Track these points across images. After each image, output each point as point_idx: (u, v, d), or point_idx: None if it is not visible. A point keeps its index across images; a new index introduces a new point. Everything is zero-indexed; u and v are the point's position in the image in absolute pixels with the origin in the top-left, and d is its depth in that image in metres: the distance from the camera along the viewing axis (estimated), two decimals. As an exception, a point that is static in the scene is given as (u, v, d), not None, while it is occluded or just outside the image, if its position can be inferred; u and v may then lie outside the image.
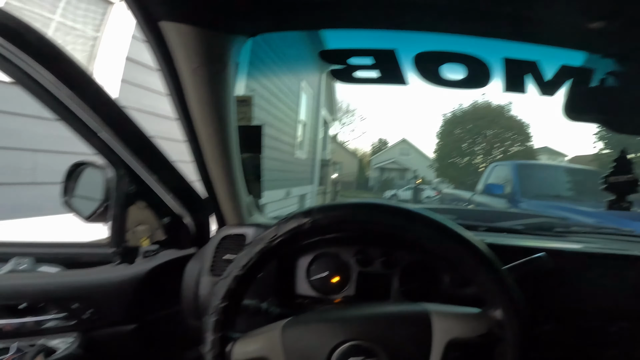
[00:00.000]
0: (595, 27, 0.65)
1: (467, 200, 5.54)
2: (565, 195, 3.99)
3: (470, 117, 12.91)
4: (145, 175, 0.96)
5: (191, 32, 0.62)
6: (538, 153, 12.93)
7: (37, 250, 1.01)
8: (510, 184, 4.43)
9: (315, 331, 0.62)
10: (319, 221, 0.61)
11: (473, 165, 12.97)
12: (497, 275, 0.61)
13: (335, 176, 13.66)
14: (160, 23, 0.61)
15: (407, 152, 20.42)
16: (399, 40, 0.72)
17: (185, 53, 0.65)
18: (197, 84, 0.70)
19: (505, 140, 12.67)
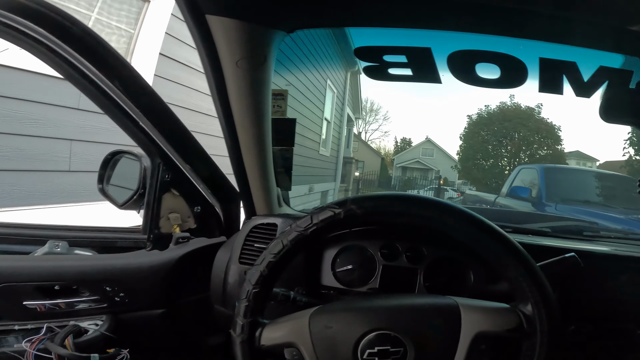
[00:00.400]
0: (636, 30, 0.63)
1: (491, 202, 5.44)
2: (593, 200, 3.87)
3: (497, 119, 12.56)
4: (181, 165, 0.99)
5: (236, 26, 0.64)
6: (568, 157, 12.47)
7: (72, 234, 1.05)
8: (536, 188, 4.33)
9: (343, 319, 0.63)
10: (354, 211, 0.62)
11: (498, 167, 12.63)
12: (530, 270, 0.62)
13: (358, 174, 13.63)
14: (207, 17, 0.63)
15: (431, 152, 20.09)
16: (433, 39, 0.72)
17: (228, 46, 0.67)
18: (238, 77, 0.72)
19: (533, 143, 12.23)
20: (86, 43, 0.77)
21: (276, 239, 0.66)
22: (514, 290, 0.64)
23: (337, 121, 8.68)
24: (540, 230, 1.25)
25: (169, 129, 0.94)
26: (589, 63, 0.77)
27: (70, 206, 2.53)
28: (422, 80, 0.76)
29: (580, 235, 1.24)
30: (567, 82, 0.78)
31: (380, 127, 22.08)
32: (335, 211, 0.63)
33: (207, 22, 0.63)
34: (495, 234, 0.63)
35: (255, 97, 0.77)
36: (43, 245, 0.95)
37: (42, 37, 0.73)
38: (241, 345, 0.63)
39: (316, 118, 6.87)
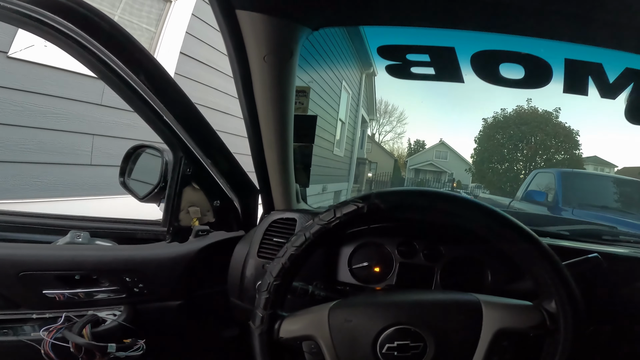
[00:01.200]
0: None
1: (505, 206, 5.35)
2: (611, 206, 3.78)
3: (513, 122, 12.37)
4: (202, 159, 1.01)
5: (264, 21, 0.66)
6: (585, 162, 12.23)
7: (93, 225, 1.07)
8: (553, 192, 4.25)
9: (362, 313, 0.63)
10: (377, 205, 0.62)
11: (513, 171, 12.44)
12: (555, 267, 0.61)
13: (371, 175, 13.59)
14: (237, 11, 0.64)
15: (445, 155, 19.92)
16: (457, 38, 0.72)
17: (256, 41, 0.69)
18: (265, 72, 0.74)
19: (550, 147, 12.02)
20: (114, 38, 0.78)
21: (299, 231, 0.66)
22: (539, 287, 0.63)
23: (352, 122, 8.67)
24: (559, 233, 1.23)
25: (192, 124, 0.95)
26: (615, 64, 0.77)
27: (91, 199, 2.59)
28: (445, 80, 0.76)
29: (599, 239, 1.21)
30: (592, 83, 0.78)
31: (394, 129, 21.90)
32: (359, 205, 0.62)
33: (237, 16, 0.65)
34: (521, 231, 0.62)
35: (280, 93, 0.78)
36: (65, 235, 0.96)
37: (71, 31, 0.74)
38: (260, 337, 0.64)
39: (331, 119, 6.89)
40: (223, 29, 0.67)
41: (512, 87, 0.75)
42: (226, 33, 0.68)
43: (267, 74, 0.74)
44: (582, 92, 0.79)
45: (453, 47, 0.71)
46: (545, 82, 0.76)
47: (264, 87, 0.77)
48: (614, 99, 0.80)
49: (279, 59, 0.72)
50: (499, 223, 0.63)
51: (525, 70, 0.73)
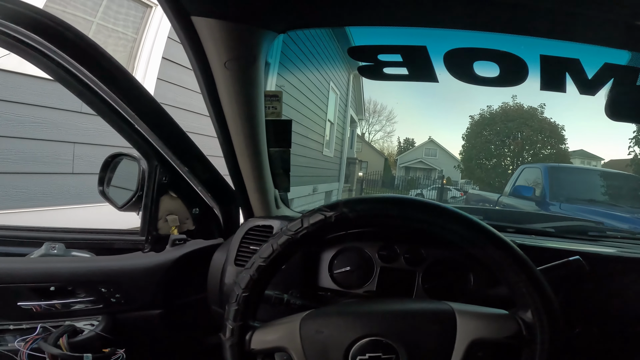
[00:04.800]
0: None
1: (494, 201, 5.42)
2: (599, 199, 3.83)
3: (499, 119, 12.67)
4: (178, 167, 0.99)
5: (222, 27, 0.64)
6: (572, 156, 12.50)
7: (70, 236, 1.05)
8: (540, 187, 4.30)
9: (334, 325, 0.62)
10: (345, 215, 0.61)
11: (501, 167, 12.73)
12: (530, 275, 0.59)
13: (361, 174, 13.69)
14: (192, 18, 0.63)
15: (434, 153, 20.27)
16: (429, 37, 0.71)
17: (216, 47, 0.67)
18: (228, 78, 0.72)
19: (537, 142, 12.30)
20: (81, 48, 0.78)
21: (267, 242, 0.64)
22: (514, 296, 0.62)
23: (341, 122, 8.75)
24: (544, 230, 1.22)
25: (166, 132, 0.94)
26: (593, 60, 0.76)
27: (73, 208, 2.55)
28: (418, 79, 0.74)
29: (585, 235, 1.21)
30: (570, 79, 0.77)
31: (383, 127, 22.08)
32: (327, 214, 0.61)
33: (193, 23, 0.63)
34: (494, 238, 0.61)
35: (247, 98, 0.77)
36: (40, 247, 0.95)
37: (37, 43, 0.74)
38: (230, 349, 0.63)
39: (319, 119, 6.91)
40: (181, 36, 0.66)
41: (488, 86, 0.74)
42: (184, 40, 0.66)
43: (230, 80, 0.72)
44: (560, 89, 0.78)
45: (425, 46, 0.70)
46: (521, 79, 0.74)
47: (229, 94, 0.75)
48: (594, 95, 0.79)
49: (241, 65, 0.70)
50: (471, 230, 0.61)
51: (500, 68, 0.72)
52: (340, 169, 9.08)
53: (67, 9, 2.55)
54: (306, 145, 6.12)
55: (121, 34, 2.98)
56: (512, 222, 1.35)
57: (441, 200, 12.21)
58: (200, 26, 0.64)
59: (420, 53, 0.71)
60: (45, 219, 2.36)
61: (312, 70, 4.91)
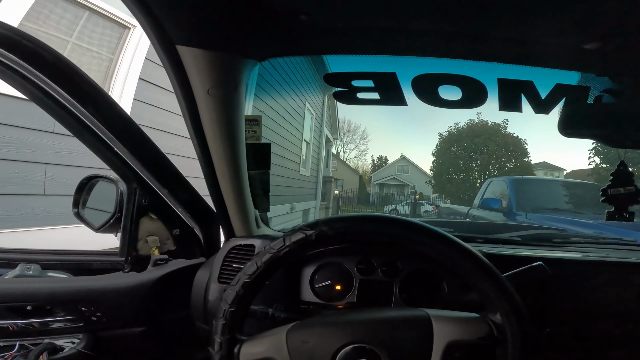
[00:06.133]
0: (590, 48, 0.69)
1: (464, 214, 5.60)
2: (563, 208, 4.03)
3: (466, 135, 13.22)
4: (158, 189, 0.99)
5: (206, 56, 0.67)
6: (535, 168, 13.05)
7: (45, 257, 1.04)
8: (507, 199, 4.51)
9: (319, 334, 0.65)
10: (325, 233, 0.65)
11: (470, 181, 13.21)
12: (495, 281, 0.65)
13: (337, 192, 13.77)
14: (177, 47, 0.65)
15: (406, 169, 20.75)
16: (398, 64, 0.77)
17: (199, 75, 0.70)
18: (210, 105, 0.75)
19: (502, 156, 12.88)
20: (58, 69, 0.77)
21: (251, 260, 0.68)
22: (483, 300, 0.67)
23: (316, 142, 8.87)
24: (511, 239, 1.29)
25: (145, 154, 0.94)
26: (546, 81, 0.83)
27: (46, 229, 2.47)
28: (389, 103, 0.79)
29: (550, 242, 1.29)
30: (526, 100, 0.83)
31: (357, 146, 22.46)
32: (307, 233, 0.65)
33: (178, 52, 0.66)
34: (460, 249, 0.66)
35: (228, 124, 0.79)
36: (14, 268, 0.94)
37: (14, 63, 0.73)
38: None
39: (296, 140, 6.99)
40: (165, 64, 0.68)
41: (452, 108, 0.79)
42: (169, 67, 0.68)
43: (212, 106, 0.75)
44: (517, 109, 0.84)
45: (394, 73, 0.75)
46: (482, 101, 0.80)
47: (211, 119, 0.78)
48: (548, 113, 0.85)
49: (224, 92, 0.73)
50: (440, 243, 0.66)
51: (462, 91, 0.78)
52: (316, 187, 9.14)
53: (43, 28, 2.53)
54: (283, 165, 6.17)
55: (96, 54, 2.96)
56: (481, 232, 1.42)
57: (414, 215, 12.44)
58: (184, 54, 0.66)
59: (390, 79, 0.76)
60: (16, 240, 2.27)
61: (289, 92, 5.00)
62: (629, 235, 2.24)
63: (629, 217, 0.94)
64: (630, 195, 0.94)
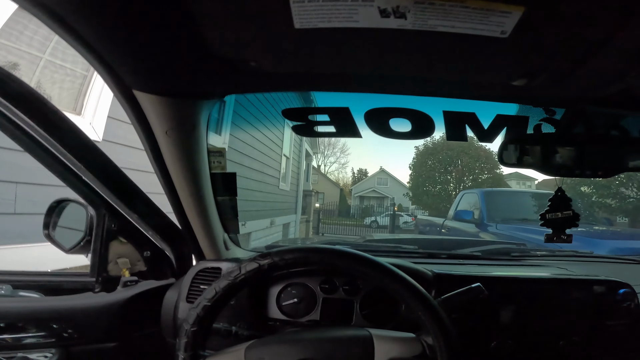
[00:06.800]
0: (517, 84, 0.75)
1: (440, 225, 5.75)
2: (531, 218, 4.17)
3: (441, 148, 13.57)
4: (127, 214, 1.03)
5: (161, 100, 0.71)
6: (507, 179, 13.44)
7: (16, 278, 1.05)
8: (479, 210, 4.66)
9: (274, 351, 0.72)
10: (276, 263, 0.73)
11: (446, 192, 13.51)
12: (428, 307, 0.72)
13: (318, 205, 13.78)
14: (134, 92, 0.69)
15: (385, 182, 21.01)
16: (351, 99, 0.83)
17: (157, 118, 0.74)
18: (170, 144, 0.79)
19: (475, 169, 13.24)
20: (24, 99, 0.79)
21: (210, 286, 0.75)
22: (419, 321, 0.74)
23: (296, 156, 8.92)
24: (472, 254, 1.38)
25: (113, 181, 0.97)
26: (487, 112, 0.88)
27: (17, 247, 2.42)
28: (345, 136, 0.85)
29: (508, 256, 1.39)
30: (470, 130, 0.89)
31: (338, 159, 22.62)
32: (261, 263, 0.73)
33: (136, 97, 0.69)
34: (395, 277, 0.74)
35: (190, 159, 0.84)
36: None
37: None
38: None
39: (275, 155, 7.03)
40: (125, 107, 0.71)
41: (402, 139, 0.84)
42: (128, 110, 0.72)
43: (172, 146, 0.80)
44: (462, 138, 0.90)
45: (347, 107, 0.81)
46: (430, 132, 0.86)
47: (172, 157, 0.82)
48: (491, 142, 0.91)
49: (182, 132, 0.78)
50: (376, 271, 0.74)
51: (412, 123, 0.83)
52: (297, 201, 9.17)
53: (15, 44, 2.52)
54: (262, 180, 6.20)
55: (70, 71, 2.95)
56: (445, 248, 1.50)
57: (393, 226, 12.61)
58: (141, 98, 0.70)
59: (344, 113, 0.82)
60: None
61: (267, 106, 5.06)
62: (590, 245, 2.36)
63: (567, 239, 0.99)
64: (567, 219, 0.99)
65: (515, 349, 0.94)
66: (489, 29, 0.53)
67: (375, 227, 15.34)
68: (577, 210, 1.02)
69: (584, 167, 0.90)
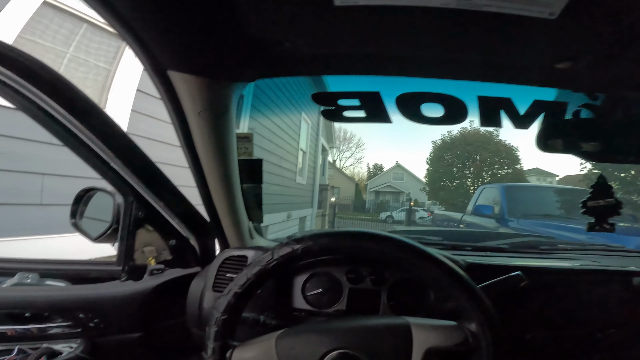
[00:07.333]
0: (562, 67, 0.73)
1: (458, 220, 5.67)
2: (554, 214, 4.07)
3: (459, 143, 13.38)
4: (154, 202, 1.03)
5: (195, 81, 0.70)
6: (528, 174, 13.15)
7: (43, 267, 1.06)
8: (499, 205, 4.56)
9: (306, 340, 0.69)
10: (310, 247, 0.70)
11: (463, 188, 13.34)
12: (470, 293, 0.69)
13: (333, 200, 13.82)
14: (168, 72, 0.68)
15: (401, 177, 20.89)
16: (383, 84, 0.81)
17: (190, 99, 0.73)
18: (201, 126, 0.78)
19: (494, 163, 13.01)
20: (56, 87, 0.80)
21: (242, 272, 0.73)
22: (459, 310, 0.71)
23: (312, 151, 8.94)
24: (498, 247, 1.33)
25: (141, 168, 0.97)
26: (524, 98, 0.85)
27: (43, 238, 2.48)
28: (375, 121, 0.82)
29: (537, 249, 1.33)
30: (505, 116, 0.86)
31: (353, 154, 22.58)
32: (294, 247, 0.70)
33: (169, 77, 0.69)
34: (438, 262, 0.71)
35: (220, 142, 0.83)
36: (13, 277, 0.96)
37: (11, 80, 0.75)
38: None
39: (292, 149, 7.06)
40: (158, 88, 0.71)
41: (434, 125, 0.82)
42: (162, 91, 0.71)
43: (204, 127, 0.78)
44: (497, 124, 0.87)
45: (378, 92, 0.79)
46: (463, 118, 0.83)
47: (203, 139, 0.81)
48: (527, 128, 0.87)
49: (214, 114, 0.76)
50: (416, 257, 0.71)
51: (444, 108, 0.81)
52: (313, 195, 9.19)
53: (41, 40, 2.57)
54: (280, 174, 6.24)
55: (93, 65, 3.00)
56: (469, 241, 1.45)
57: (409, 221, 12.52)
58: (175, 79, 0.69)
59: (375, 98, 0.79)
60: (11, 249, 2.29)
61: (285, 103, 5.07)
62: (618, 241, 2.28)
63: (610, 228, 0.96)
64: (610, 207, 0.96)
65: (550, 341, 0.91)
66: (538, 9, 0.52)
67: (391, 222, 15.27)
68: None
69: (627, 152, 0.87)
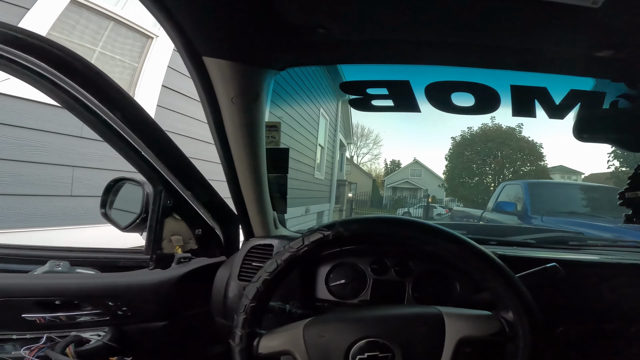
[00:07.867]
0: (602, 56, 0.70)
1: (477, 217, 5.54)
2: (580, 212, 3.93)
3: (480, 140, 13.08)
4: (182, 191, 1.04)
5: (230, 67, 0.71)
6: (552, 172, 12.71)
7: (73, 255, 1.09)
8: (521, 202, 4.42)
9: (334, 329, 0.69)
10: (341, 233, 0.69)
11: (483, 184, 13.04)
12: (507, 280, 0.67)
13: (351, 195, 13.78)
14: (203, 58, 0.69)
15: (419, 173, 20.63)
16: (412, 72, 0.79)
17: (224, 85, 0.74)
18: (233, 112, 0.79)
19: (516, 160, 12.63)
20: (88, 77, 0.82)
21: (271, 258, 0.72)
22: (496, 299, 0.69)
23: (330, 146, 8.96)
24: (525, 242, 1.29)
25: (171, 158, 0.99)
26: (560, 87, 0.83)
27: (72, 228, 2.56)
28: (403, 110, 0.81)
29: (565, 245, 1.28)
30: (539, 106, 0.84)
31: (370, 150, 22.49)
32: (325, 233, 0.69)
33: (204, 63, 0.70)
34: (472, 249, 0.69)
35: (250, 130, 0.83)
36: (44, 265, 0.98)
37: (45, 71, 0.77)
38: (240, 354, 0.68)
39: (311, 144, 7.09)
40: (192, 74, 0.72)
41: (465, 114, 0.81)
42: (196, 77, 0.73)
43: (236, 113, 0.79)
44: (530, 114, 0.85)
45: (408, 81, 0.78)
46: (495, 107, 0.82)
47: (234, 126, 0.82)
48: (562, 119, 0.86)
49: (246, 100, 0.77)
50: (452, 244, 0.69)
51: (475, 98, 0.79)
52: (330, 190, 9.21)
53: (69, 38, 2.64)
54: (299, 168, 6.28)
55: (120, 62, 3.07)
56: (494, 235, 1.42)
57: (427, 218, 12.36)
58: (210, 65, 0.70)
59: (404, 87, 0.78)
60: (41, 239, 2.37)
61: (304, 98, 5.09)
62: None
63: None
64: None
65: (582, 335, 0.88)
66: None
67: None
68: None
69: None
